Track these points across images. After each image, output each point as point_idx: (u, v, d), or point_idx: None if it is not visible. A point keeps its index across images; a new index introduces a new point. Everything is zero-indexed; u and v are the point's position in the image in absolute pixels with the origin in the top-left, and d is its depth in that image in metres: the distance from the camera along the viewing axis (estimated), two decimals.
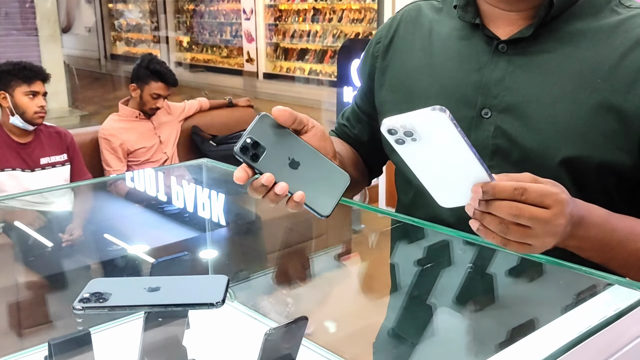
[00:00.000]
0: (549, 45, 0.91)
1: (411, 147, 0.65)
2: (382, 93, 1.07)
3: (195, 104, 3.69)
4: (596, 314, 0.71)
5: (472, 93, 0.95)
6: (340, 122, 1.21)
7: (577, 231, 0.76)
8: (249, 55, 11.10)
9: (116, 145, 3.18)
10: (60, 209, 2.32)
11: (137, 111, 3.28)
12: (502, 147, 0.93)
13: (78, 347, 1.04)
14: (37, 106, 2.84)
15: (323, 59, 10.05)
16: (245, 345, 1.11)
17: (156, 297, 0.69)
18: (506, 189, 0.68)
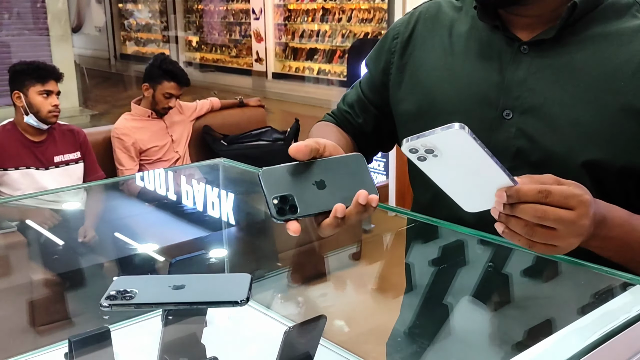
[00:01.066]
0: (571, 48, 0.91)
1: (433, 163, 0.66)
2: (400, 91, 1.07)
3: (207, 103, 3.71)
4: (617, 314, 0.71)
5: (494, 94, 0.95)
6: (342, 108, 1.18)
7: (600, 231, 0.76)
8: (258, 55, 11.14)
9: (129, 144, 3.20)
10: (74, 208, 2.34)
11: (149, 110, 3.29)
12: (523, 149, 0.93)
13: (98, 343, 1.05)
14: (51, 105, 2.86)
15: (332, 59, 10.07)
16: (262, 344, 1.12)
17: (181, 295, 0.69)
18: (530, 192, 0.69)
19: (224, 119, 3.75)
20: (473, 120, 0.97)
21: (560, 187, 0.70)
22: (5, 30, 7.65)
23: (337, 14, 9.74)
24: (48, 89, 2.88)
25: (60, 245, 2.02)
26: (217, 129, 3.68)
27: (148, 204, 1.74)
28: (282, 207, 0.70)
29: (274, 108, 8.53)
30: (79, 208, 2.46)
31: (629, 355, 0.68)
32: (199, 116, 3.64)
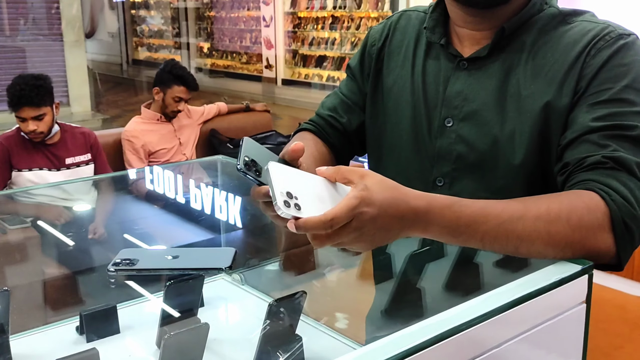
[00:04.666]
0: (502, 60, 1.03)
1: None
2: (373, 95, 1.19)
3: (214, 108, 3.85)
4: (532, 284, 0.81)
5: (439, 104, 1.08)
6: (323, 113, 1.24)
7: (415, 225, 0.80)
8: (267, 61, 11.30)
9: (138, 146, 3.34)
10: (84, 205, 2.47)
11: (158, 114, 3.43)
12: (462, 153, 1.05)
13: (105, 317, 1.18)
14: (27, 130, 2.93)
15: (341, 66, 10.20)
16: (254, 321, 1.24)
17: (176, 263, 0.82)
18: (317, 226, 0.73)
19: (230, 123, 3.89)
20: (422, 127, 1.10)
21: (343, 210, 0.74)
22: (21, 35, 7.83)
23: (346, 22, 9.87)
24: (21, 115, 2.92)
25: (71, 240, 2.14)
26: (224, 133, 3.82)
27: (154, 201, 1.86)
28: (250, 166, 0.78)
29: (283, 114, 8.66)
30: (89, 205, 2.59)
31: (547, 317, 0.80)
32: (206, 120, 3.78)
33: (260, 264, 1.48)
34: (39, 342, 1.16)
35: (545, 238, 0.83)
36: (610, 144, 0.90)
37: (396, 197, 0.78)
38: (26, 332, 1.19)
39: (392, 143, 1.15)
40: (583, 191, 0.87)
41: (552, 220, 0.83)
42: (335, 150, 1.22)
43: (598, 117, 0.92)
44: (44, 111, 2.93)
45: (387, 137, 1.16)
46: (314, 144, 1.17)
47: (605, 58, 0.95)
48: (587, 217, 0.83)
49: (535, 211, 0.84)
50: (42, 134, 2.95)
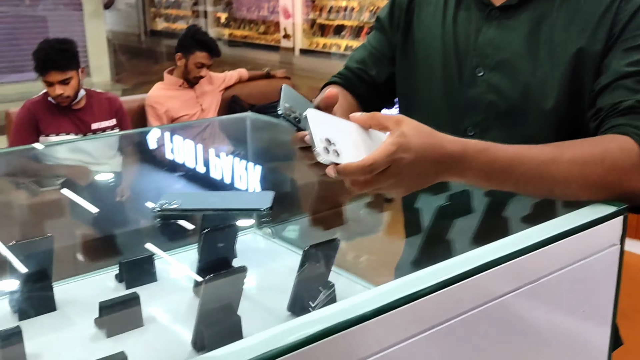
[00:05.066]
0: (534, 7, 1.04)
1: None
2: (403, 45, 1.20)
3: (235, 74, 3.86)
4: (567, 224, 0.83)
5: (470, 54, 1.09)
6: (352, 66, 1.25)
7: (451, 169, 0.82)
8: (285, 31, 11.23)
9: (161, 112, 3.38)
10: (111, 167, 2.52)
11: (181, 80, 3.46)
12: (492, 101, 1.07)
13: (143, 266, 1.22)
14: (54, 94, 2.98)
15: (359, 35, 10.12)
16: (285, 270, 1.28)
17: (218, 204, 0.85)
18: (356, 171, 0.75)
19: (251, 89, 3.90)
20: (453, 77, 1.11)
21: (382, 155, 0.75)
22: (42, 5, 7.85)
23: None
24: (47, 80, 2.97)
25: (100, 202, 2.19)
26: (245, 99, 3.84)
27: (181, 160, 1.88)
28: (289, 112, 0.80)
29: (301, 84, 8.65)
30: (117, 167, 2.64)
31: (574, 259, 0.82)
32: (227, 86, 3.80)
33: (290, 220, 1.52)
34: (80, 289, 1.21)
35: (580, 180, 0.84)
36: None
37: (432, 142, 0.80)
38: (67, 280, 1.23)
39: (422, 94, 1.17)
40: (617, 135, 0.88)
41: (586, 163, 0.84)
42: (363, 102, 1.23)
43: (632, 62, 0.93)
44: (70, 75, 2.97)
45: (418, 88, 1.17)
46: (342, 96, 1.18)
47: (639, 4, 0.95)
48: (622, 160, 0.85)
49: (569, 154, 0.85)
50: (68, 98, 3.00)
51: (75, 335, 1.04)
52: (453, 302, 0.71)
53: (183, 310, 1.12)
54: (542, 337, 0.83)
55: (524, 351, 0.84)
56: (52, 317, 1.09)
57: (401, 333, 0.67)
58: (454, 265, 0.73)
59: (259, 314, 1.08)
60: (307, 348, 0.60)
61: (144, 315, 1.06)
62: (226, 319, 0.97)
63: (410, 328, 0.68)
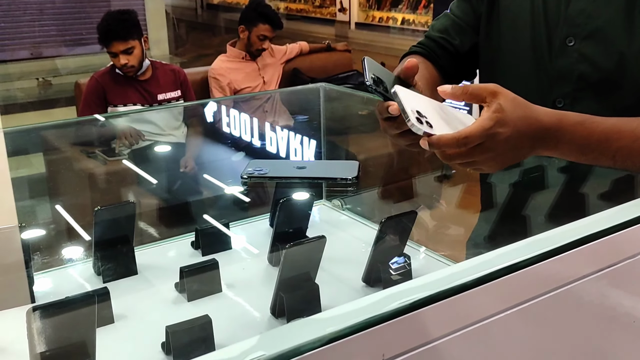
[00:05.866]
0: None
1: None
2: (492, 15, 1.16)
3: (296, 47, 3.86)
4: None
5: (559, 23, 1.05)
6: (434, 35, 1.23)
7: (546, 143, 0.81)
8: (341, 4, 11.13)
9: (224, 84, 3.41)
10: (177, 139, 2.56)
11: (243, 52, 3.48)
12: (585, 73, 1.03)
13: (218, 234, 1.25)
14: (119, 64, 3.04)
15: (417, 8, 9.93)
16: (357, 242, 1.28)
17: (304, 172, 0.85)
18: (450, 143, 0.74)
19: (312, 62, 3.90)
20: (542, 46, 1.08)
21: (477, 130, 0.75)
22: None
23: None
24: (111, 51, 3.04)
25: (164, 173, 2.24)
26: (306, 72, 3.84)
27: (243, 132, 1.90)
28: (378, 83, 0.80)
29: (357, 58, 8.58)
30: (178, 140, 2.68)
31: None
32: (288, 59, 3.80)
33: (359, 192, 1.52)
34: (158, 254, 1.24)
35: None
36: None
37: (528, 116, 0.78)
38: (145, 245, 1.27)
39: (508, 64, 1.14)
40: None
41: None
42: (445, 72, 1.21)
43: None
44: (132, 44, 3.03)
45: (503, 57, 1.14)
46: (424, 66, 1.17)
47: None
48: None
49: None
50: (133, 68, 3.05)
51: (158, 298, 1.07)
52: (537, 280, 0.70)
53: (259, 278, 1.14)
54: (620, 321, 0.81)
55: (604, 334, 0.82)
56: (135, 280, 1.13)
57: (480, 312, 0.66)
58: (538, 242, 0.72)
59: (334, 283, 1.09)
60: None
61: (222, 281, 1.09)
62: (305, 287, 0.98)
63: (489, 307, 0.67)
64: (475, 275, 0.66)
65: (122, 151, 2.48)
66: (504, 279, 0.67)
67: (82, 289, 1.07)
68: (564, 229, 0.76)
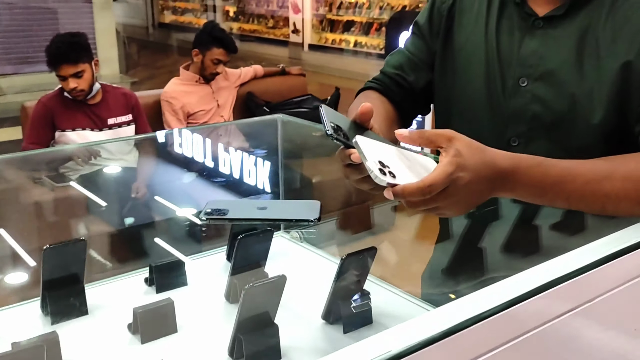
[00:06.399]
0: (579, 19, 1.02)
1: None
2: (443, 52, 1.18)
3: (251, 70, 3.85)
4: (620, 242, 0.80)
5: (514, 64, 1.07)
6: (389, 72, 1.23)
7: (504, 185, 0.82)
8: (294, 26, 11.21)
9: (177, 107, 3.37)
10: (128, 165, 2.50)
11: (197, 75, 3.45)
12: (537, 112, 1.05)
13: (173, 270, 1.21)
14: (68, 88, 2.96)
15: (369, 31, 10.09)
16: (316, 276, 1.27)
17: (265, 214, 0.84)
18: (415, 192, 0.74)
19: (266, 86, 3.89)
20: (496, 86, 1.09)
21: (440, 176, 0.75)
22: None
23: None
24: (61, 74, 2.96)
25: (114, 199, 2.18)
26: (260, 96, 3.83)
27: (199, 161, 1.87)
28: (337, 131, 0.80)
29: (311, 80, 8.62)
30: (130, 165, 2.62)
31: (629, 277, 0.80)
32: (243, 83, 3.79)
33: (318, 224, 1.50)
34: (110, 292, 1.20)
35: (634, 196, 0.83)
36: None
37: (486, 160, 0.78)
38: (96, 282, 1.22)
39: (463, 102, 1.15)
40: None
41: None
42: (400, 108, 1.21)
43: None
44: (82, 68, 2.96)
45: (458, 95, 1.16)
46: (380, 102, 1.17)
47: None
48: None
49: (623, 170, 0.84)
50: (83, 92, 2.98)
51: (110, 341, 1.02)
52: (509, 325, 0.69)
53: (216, 317, 1.11)
54: (595, 358, 0.82)
55: None
56: (85, 321, 1.08)
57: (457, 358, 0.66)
58: (511, 287, 0.72)
59: (294, 322, 1.07)
60: None
61: (177, 321, 1.05)
62: (264, 328, 0.96)
63: (465, 354, 0.66)
64: (454, 322, 0.65)
65: (70, 177, 2.41)
66: (479, 325, 0.66)
67: (30, 333, 1.01)
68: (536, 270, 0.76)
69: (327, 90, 5.18)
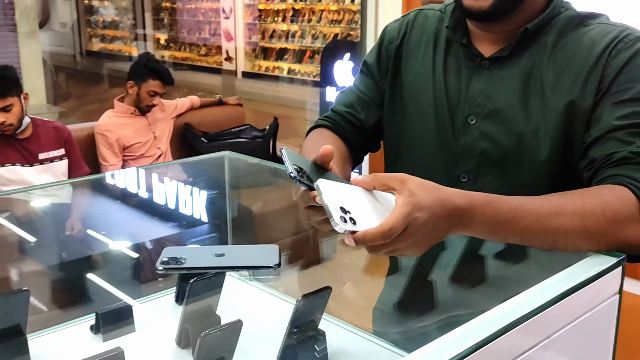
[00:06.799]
0: (524, 60, 1.07)
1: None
2: (392, 90, 1.21)
3: (187, 101, 3.81)
4: (573, 278, 0.83)
5: (461, 102, 1.11)
6: (340, 110, 1.25)
7: (460, 223, 0.83)
8: (227, 53, 11.20)
9: (112, 140, 3.29)
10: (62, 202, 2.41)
11: (132, 108, 3.38)
12: (485, 149, 1.08)
13: (121, 315, 1.17)
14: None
15: (302, 59, 10.19)
16: (269, 316, 1.25)
17: (223, 261, 0.82)
18: (376, 237, 0.74)
19: (203, 116, 3.86)
20: (445, 124, 1.13)
21: (398, 219, 0.75)
22: None
23: (307, 15, 9.87)
24: None
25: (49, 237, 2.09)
26: (197, 127, 3.79)
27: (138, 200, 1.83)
28: (301, 174, 0.80)
29: (245, 107, 8.60)
30: (66, 202, 2.53)
31: (583, 311, 0.83)
32: (179, 114, 3.74)
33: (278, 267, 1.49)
34: (54, 343, 1.15)
35: (582, 232, 0.86)
36: (635, 141, 0.94)
37: (441, 198, 0.80)
38: (39, 332, 1.17)
39: (412, 139, 1.17)
40: (614, 185, 0.91)
41: (588, 215, 0.86)
42: (351, 146, 1.23)
43: (622, 116, 0.97)
44: (11, 102, 2.86)
45: (407, 133, 1.18)
46: (332, 140, 1.19)
47: (626, 59, 0.99)
48: (621, 210, 0.87)
49: (572, 206, 0.87)
50: (12, 126, 2.88)
51: None
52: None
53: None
54: None
55: None
56: None
57: None
58: (470, 330, 0.73)
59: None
60: None
61: None
62: None
63: None
64: None
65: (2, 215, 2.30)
66: None
67: None
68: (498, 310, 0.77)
69: (263, 117, 5.18)
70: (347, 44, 6.30)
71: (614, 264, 0.85)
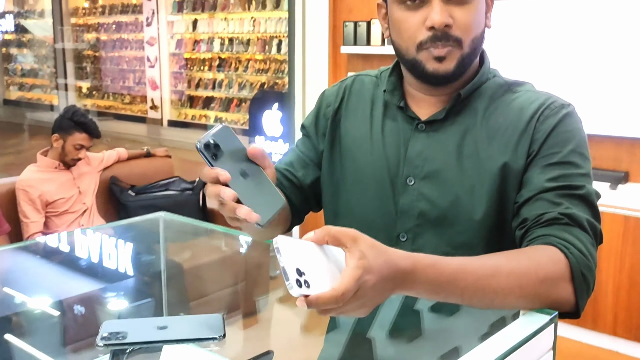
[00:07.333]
0: (458, 123, 1.13)
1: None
2: (329, 154, 1.24)
3: (114, 154, 3.73)
4: (510, 339, 0.86)
5: (400, 164, 1.15)
6: (279, 167, 1.28)
7: (404, 284, 0.85)
8: (153, 102, 11.07)
9: (35, 196, 3.17)
10: None
11: (56, 162, 3.28)
12: (424, 210, 1.12)
13: None
14: None
15: (229, 108, 10.21)
16: None
17: (167, 334, 0.80)
18: (329, 301, 0.76)
19: (131, 169, 3.78)
20: (384, 186, 1.16)
21: (350, 283, 0.77)
22: None
23: (233, 64, 9.94)
24: None
25: None
26: (125, 180, 3.71)
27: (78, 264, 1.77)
28: (210, 147, 0.86)
29: (172, 156, 8.49)
30: None
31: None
32: (106, 167, 3.66)
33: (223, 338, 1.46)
34: None
35: (518, 291, 0.90)
36: (563, 202, 1.00)
37: (388, 260, 0.82)
38: None
39: (351, 199, 1.20)
40: (545, 246, 0.95)
41: (522, 275, 0.90)
42: (291, 203, 1.25)
43: (551, 178, 1.03)
44: None
45: (346, 193, 1.21)
46: None
47: (553, 125, 1.07)
48: (552, 270, 0.92)
49: (508, 267, 0.91)
50: None
51: None
52: None
53: None
54: None
55: None
56: None
57: None
58: None
59: None
60: None
61: None
62: None
63: None
64: None
65: None
66: None
67: None
68: None
69: (191, 167, 5.12)
70: (275, 94, 6.40)
71: (547, 321, 0.89)
